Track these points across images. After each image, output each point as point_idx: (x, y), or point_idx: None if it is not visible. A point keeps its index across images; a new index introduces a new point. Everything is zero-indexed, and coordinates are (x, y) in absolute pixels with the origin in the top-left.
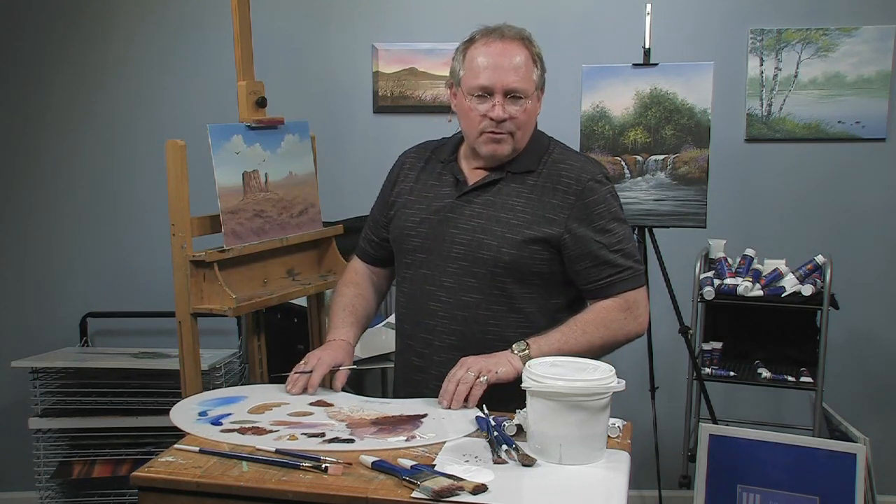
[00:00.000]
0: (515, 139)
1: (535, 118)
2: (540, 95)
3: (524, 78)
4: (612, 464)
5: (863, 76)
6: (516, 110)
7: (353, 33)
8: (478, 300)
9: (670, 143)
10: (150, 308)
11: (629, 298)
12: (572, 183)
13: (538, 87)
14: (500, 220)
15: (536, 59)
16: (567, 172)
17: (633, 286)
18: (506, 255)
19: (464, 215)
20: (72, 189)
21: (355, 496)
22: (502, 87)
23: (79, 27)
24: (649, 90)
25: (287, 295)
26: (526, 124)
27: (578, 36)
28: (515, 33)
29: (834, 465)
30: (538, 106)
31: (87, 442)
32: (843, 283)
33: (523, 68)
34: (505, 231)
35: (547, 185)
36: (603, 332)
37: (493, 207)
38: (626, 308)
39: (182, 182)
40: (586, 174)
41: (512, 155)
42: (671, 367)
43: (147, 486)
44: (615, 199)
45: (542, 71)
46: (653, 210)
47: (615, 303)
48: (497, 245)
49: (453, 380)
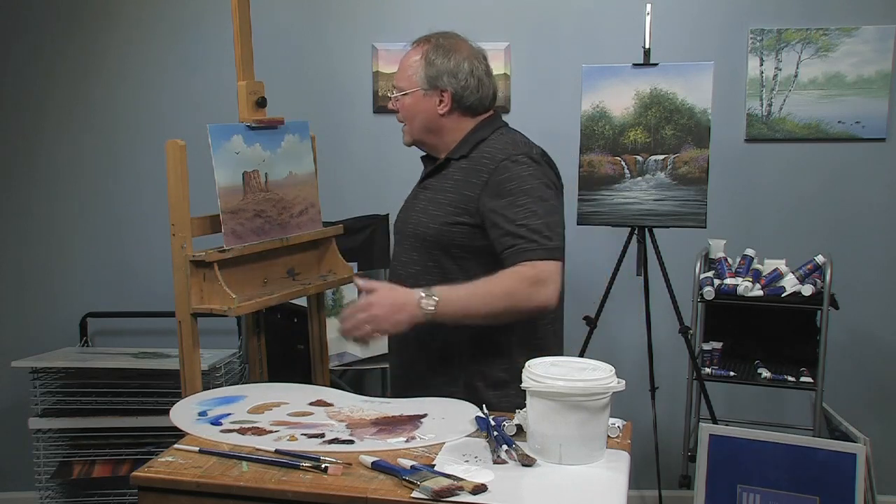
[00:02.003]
0: (408, 129)
1: (423, 114)
2: (429, 93)
3: (400, 76)
4: (612, 464)
5: (863, 76)
6: (397, 103)
7: (353, 33)
8: (416, 272)
9: (670, 143)
10: (150, 308)
11: (537, 268)
12: (488, 163)
13: (423, 86)
14: (434, 200)
15: (425, 60)
16: (488, 155)
17: (538, 257)
18: (432, 231)
19: (419, 199)
20: (72, 189)
21: (355, 496)
22: (394, 84)
23: (79, 27)
24: (649, 90)
25: (287, 295)
26: (408, 117)
27: (578, 36)
28: (421, 39)
29: (834, 465)
30: (425, 104)
31: (87, 442)
32: (843, 283)
33: (402, 69)
34: (434, 209)
35: (471, 168)
36: (506, 299)
37: (433, 190)
38: (531, 278)
39: (182, 182)
40: (502, 154)
41: (413, 143)
42: (671, 367)
43: (147, 486)
44: (532, 178)
45: (437, 72)
46: (653, 210)
47: (522, 269)
48: (426, 222)
49: (352, 318)
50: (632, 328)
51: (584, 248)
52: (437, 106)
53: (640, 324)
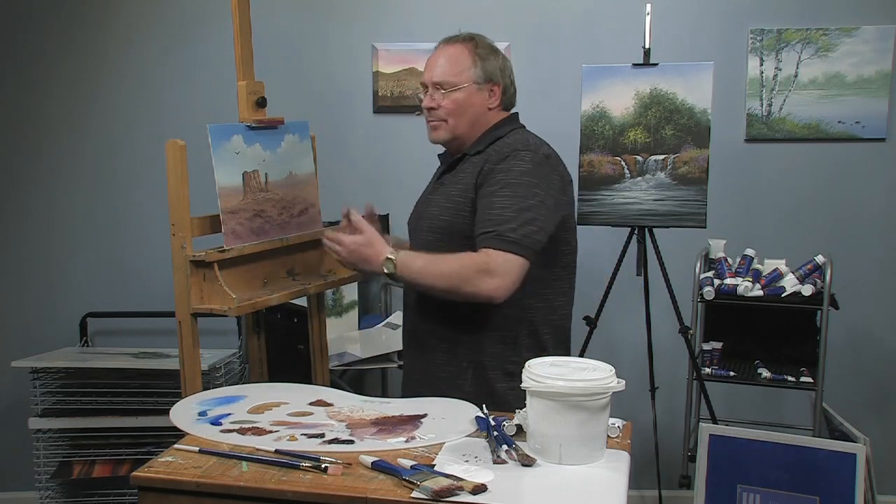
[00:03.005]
0: (450, 125)
1: (474, 109)
2: (482, 87)
3: (448, 72)
4: (612, 464)
5: (863, 76)
6: (443, 99)
7: (353, 33)
8: None
9: (670, 143)
10: (150, 308)
11: (489, 257)
12: (494, 157)
13: (476, 81)
14: (446, 194)
15: (477, 56)
16: (497, 149)
17: (495, 246)
18: (444, 222)
19: (434, 195)
20: (72, 189)
21: (355, 496)
22: (430, 80)
23: (79, 27)
24: (649, 90)
25: (287, 295)
26: (456, 112)
27: (578, 36)
28: (462, 37)
29: (834, 465)
30: (476, 99)
31: (87, 442)
32: (843, 283)
33: (449, 65)
34: (445, 201)
35: (480, 161)
36: (452, 279)
37: (448, 185)
38: (482, 265)
39: (182, 182)
40: (508, 150)
41: (452, 139)
42: (671, 367)
43: (147, 486)
44: (524, 175)
45: (492, 67)
46: (653, 210)
47: (474, 257)
48: (438, 214)
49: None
50: (632, 328)
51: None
52: (488, 100)
53: (640, 324)
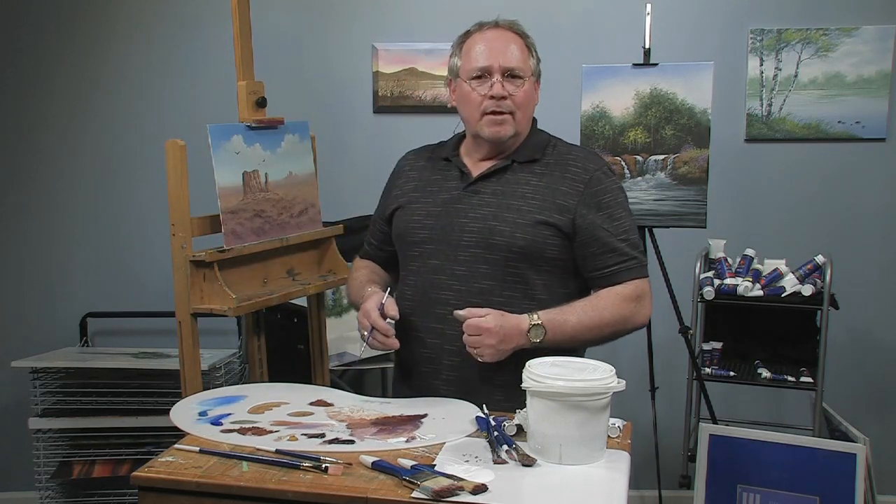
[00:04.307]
0: (516, 120)
1: (534, 105)
2: (536, 85)
3: (521, 59)
4: (612, 464)
5: (863, 76)
6: (515, 89)
7: (353, 33)
8: (491, 286)
9: (670, 143)
10: (150, 308)
11: (638, 287)
12: (580, 172)
13: (534, 74)
14: (510, 206)
15: (530, 47)
16: (574, 161)
17: (639, 275)
18: (520, 240)
19: (472, 205)
20: (72, 189)
21: (355, 496)
22: (500, 66)
23: (79, 27)
24: (649, 90)
25: (287, 295)
26: (525, 105)
27: (578, 36)
28: (509, 24)
29: (834, 465)
30: (536, 95)
31: (87, 442)
32: (843, 283)
33: (518, 51)
34: (517, 217)
35: (555, 174)
36: (617, 324)
37: (503, 196)
38: (635, 297)
39: (182, 182)
40: (593, 164)
41: (514, 137)
42: (671, 367)
43: (147, 486)
44: (621, 192)
45: (538, 61)
46: (653, 210)
47: (625, 290)
48: (510, 231)
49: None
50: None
51: None
52: (536, 98)
53: None
